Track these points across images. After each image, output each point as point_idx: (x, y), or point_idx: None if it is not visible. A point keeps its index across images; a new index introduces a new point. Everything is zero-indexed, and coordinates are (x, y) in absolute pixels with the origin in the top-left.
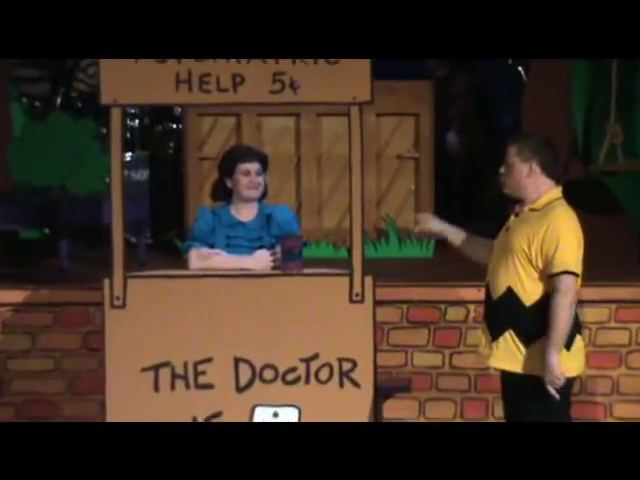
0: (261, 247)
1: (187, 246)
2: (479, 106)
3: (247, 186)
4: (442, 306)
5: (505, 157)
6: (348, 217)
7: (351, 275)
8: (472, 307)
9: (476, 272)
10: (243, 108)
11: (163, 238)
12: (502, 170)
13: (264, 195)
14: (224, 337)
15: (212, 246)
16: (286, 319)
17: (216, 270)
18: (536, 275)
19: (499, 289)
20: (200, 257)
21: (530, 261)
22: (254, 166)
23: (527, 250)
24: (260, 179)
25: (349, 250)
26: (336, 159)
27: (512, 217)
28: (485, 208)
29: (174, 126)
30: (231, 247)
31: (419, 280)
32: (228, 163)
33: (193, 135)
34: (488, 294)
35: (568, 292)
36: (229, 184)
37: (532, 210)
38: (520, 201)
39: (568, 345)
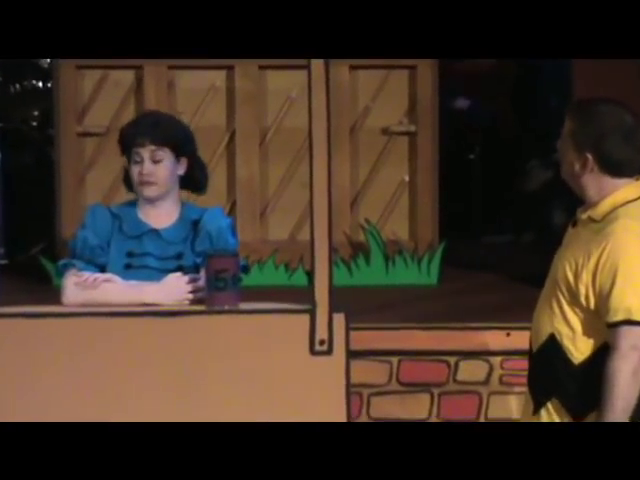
0: (179, 268)
1: (63, 268)
2: None
3: (137, 180)
4: (452, 359)
5: (563, 129)
6: (307, 224)
7: (312, 312)
8: (497, 360)
9: (504, 308)
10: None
11: (23, 257)
12: (559, 145)
13: (199, 186)
14: (117, 409)
15: (103, 269)
16: (213, 379)
17: (104, 305)
18: (590, 319)
19: (540, 337)
20: (81, 285)
21: (576, 298)
22: (146, 150)
23: (572, 281)
24: (161, 169)
25: (309, 274)
26: (289, 135)
27: (569, 227)
28: (517, 211)
29: (39, 84)
30: (134, 270)
31: (417, 319)
32: (122, 145)
33: (69, 99)
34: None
35: (631, 352)
36: None
37: (591, 220)
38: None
39: None
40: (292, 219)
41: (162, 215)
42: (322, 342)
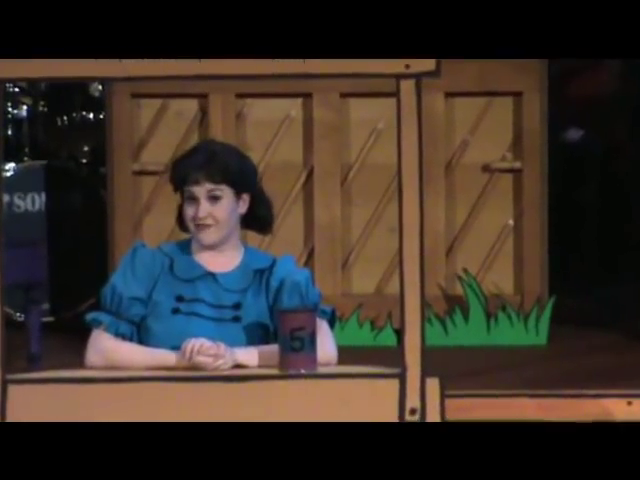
0: (236, 319)
1: (89, 324)
2: (623, 79)
3: (193, 224)
4: None
5: None
6: (396, 275)
7: (402, 377)
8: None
9: (624, 372)
10: (213, 84)
11: (72, 313)
12: None
13: (264, 226)
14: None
15: (141, 322)
16: None
17: (127, 369)
18: None
19: None
20: (101, 351)
21: None
22: (202, 189)
23: None
24: (220, 208)
25: (398, 333)
26: (375, 173)
27: None
28: (638, 258)
29: (90, 116)
30: (182, 316)
31: (523, 386)
32: (174, 182)
33: (124, 132)
34: None
35: None
36: None
37: None
38: None
39: None
40: (378, 269)
41: (220, 258)
42: (413, 411)
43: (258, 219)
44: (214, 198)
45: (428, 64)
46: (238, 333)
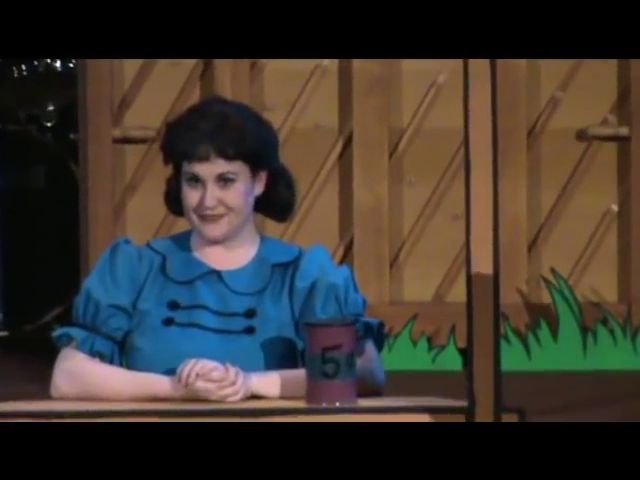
0: (249, 330)
1: (57, 341)
2: None
3: (197, 213)
4: None
5: None
6: (461, 277)
7: (470, 412)
8: None
9: None
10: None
11: (32, 327)
12: None
13: (283, 210)
14: None
15: (124, 339)
16: None
17: (106, 400)
18: None
19: None
20: (72, 375)
21: None
22: (211, 167)
23: None
24: (233, 193)
25: (464, 354)
26: (434, 141)
27: None
28: None
29: (57, 65)
30: (177, 328)
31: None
32: (168, 155)
33: (102, 87)
34: None
35: None
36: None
37: None
38: None
39: None
40: (438, 270)
41: (229, 253)
42: None
43: (276, 202)
44: (225, 180)
45: None
46: (252, 349)
